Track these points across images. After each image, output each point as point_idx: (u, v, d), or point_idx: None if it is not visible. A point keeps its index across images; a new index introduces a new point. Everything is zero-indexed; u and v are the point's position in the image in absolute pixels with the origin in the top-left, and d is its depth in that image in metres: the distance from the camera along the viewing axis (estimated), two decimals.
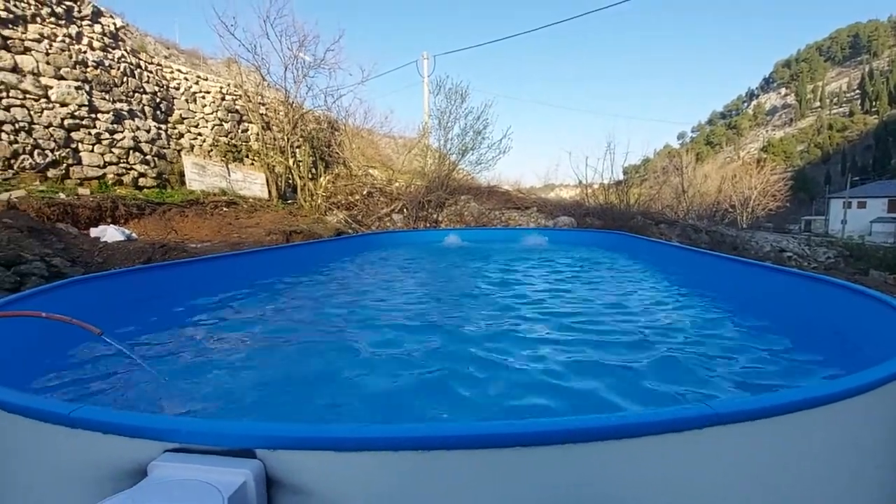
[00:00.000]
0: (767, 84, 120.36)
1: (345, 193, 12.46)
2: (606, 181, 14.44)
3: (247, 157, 12.29)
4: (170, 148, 10.39)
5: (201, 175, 10.66)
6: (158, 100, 10.34)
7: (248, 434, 0.97)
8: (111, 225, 6.82)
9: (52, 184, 7.68)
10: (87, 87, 8.53)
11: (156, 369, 2.19)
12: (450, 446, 0.92)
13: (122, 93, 9.29)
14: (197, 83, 11.35)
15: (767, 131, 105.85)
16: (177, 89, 10.92)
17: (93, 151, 8.60)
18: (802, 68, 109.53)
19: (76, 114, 8.29)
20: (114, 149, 8.96)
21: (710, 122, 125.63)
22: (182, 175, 10.43)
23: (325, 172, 12.82)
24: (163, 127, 10.35)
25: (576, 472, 0.95)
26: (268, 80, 11.81)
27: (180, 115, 10.92)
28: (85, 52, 8.60)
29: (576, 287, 4.51)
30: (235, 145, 12.06)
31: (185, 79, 11.13)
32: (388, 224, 11.56)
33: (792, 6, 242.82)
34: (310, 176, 11.97)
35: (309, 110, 12.77)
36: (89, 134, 8.52)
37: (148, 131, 9.80)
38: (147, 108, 9.98)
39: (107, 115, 8.84)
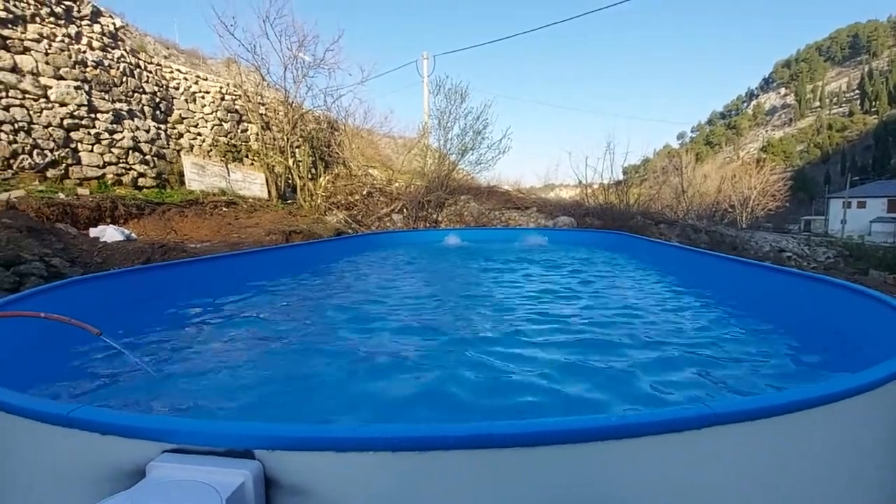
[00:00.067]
0: (767, 84, 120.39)
1: (344, 193, 12.46)
2: (606, 181, 14.46)
3: (246, 157, 12.28)
4: (169, 148, 10.39)
5: (201, 175, 10.66)
6: (158, 100, 10.34)
7: (246, 434, 0.97)
8: (110, 225, 6.82)
9: (51, 184, 7.68)
10: (87, 87, 8.53)
11: (155, 370, 2.19)
12: (448, 446, 0.92)
13: (122, 93, 9.29)
14: (196, 83, 11.34)
15: (767, 131, 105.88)
16: (176, 89, 10.91)
17: (92, 151, 8.59)
18: (802, 68, 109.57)
19: (75, 114, 8.28)
20: (113, 149, 8.96)
21: (710, 122, 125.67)
22: (181, 175, 10.42)
23: (324, 172, 12.81)
24: (162, 127, 10.34)
25: (575, 472, 0.95)
26: (267, 80, 11.82)
27: (180, 114, 10.91)
28: (84, 52, 8.60)
29: (575, 287, 4.51)
30: (235, 145, 12.05)
31: (185, 79, 11.12)
32: (388, 224, 11.56)
33: (791, 6, 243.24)
34: (309, 176, 11.96)
35: (308, 110, 12.77)
36: (89, 134, 8.52)
37: (147, 131, 9.80)
38: (146, 108, 9.97)
39: (106, 115, 8.84)
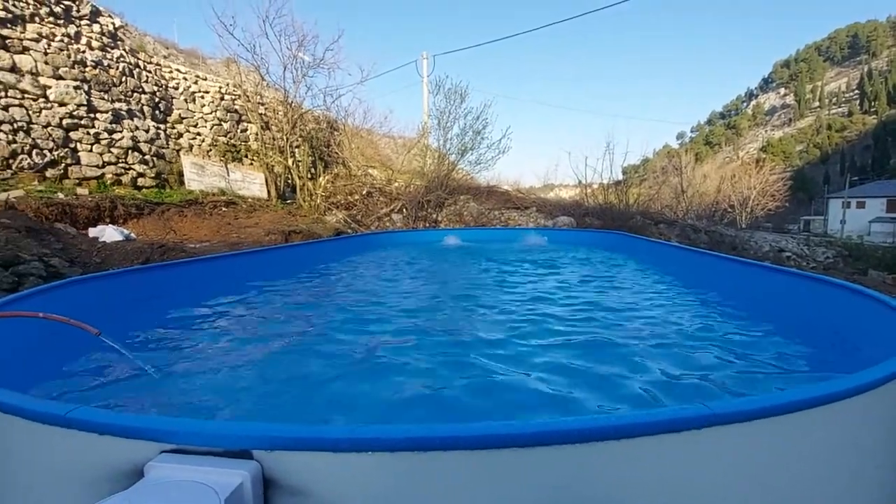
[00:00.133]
0: (766, 84, 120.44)
1: (344, 193, 12.45)
2: (606, 181, 14.46)
3: (246, 156, 12.28)
4: (169, 148, 10.38)
5: (200, 175, 10.65)
6: (157, 99, 10.33)
7: (244, 435, 0.97)
8: (110, 225, 6.81)
9: (50, 184, 7.67)
10: (86, 87, 8.52)
11: (154, 370, 2.19)
12: (447, 447, 0.92)
13: (121, 92, 9.28)
14: (196, 83, 11.33)
15: (766, 131, 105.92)
16: (176, 89, 10.90)
17: (91, 151, 8.58)
18: (801, 68, 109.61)
19: (75, 113, 8.27)
20: (112, 149, 8.95)
21: (710, 122, 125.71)
22: (181, 175, 10.41)
23: (324, 172, 12.81)
24: (162, 127, 10.33)
25: (574, 472, 0.95)
26: (267, 80, 11.81)
27: (179, 114, 10.90)
28: (83, 52, 8.59)
29: (574, 287, 4.51)
30: (234, 145, 12.04)
31: (184, 78, 11.11)
32: (388, 224, 11.56)
33: (791, 6, 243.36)
34: (309, 176, 11.96)
35: (308, 110, 12.76)
36: (88, 134, 8.51)
37: (147, 131, 9.79)
38: (146, 108, 9.96)
39: (105, 115, 8.83)
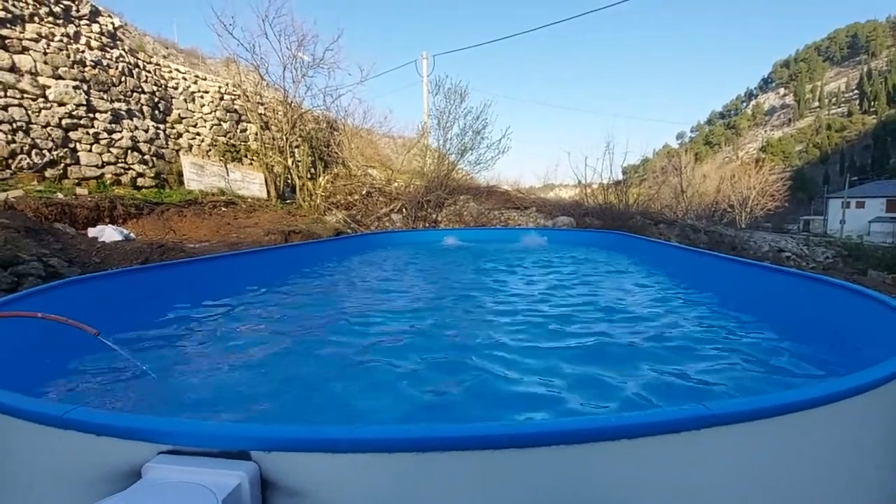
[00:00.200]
0: (766, 84, 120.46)
1: (344, 193, 12.45)
2: (605, 181, 14.47)
3: (245, 156, 12.27)
4: (168, 148, 10.37)
5: (200, 175, 10.65)
6: (157, 99, 10.32)
7: (242, 436, 0.96)
8: (109, 225, 6.80)
9: (49, 183, 7.66)
10: (85, 87, 8.51)
11: (153, 370, 2.18)
12: (445, 448, 0.91)
13: (121, 92, 9.27)
14: (195, 83, 11.32)
15: (766, 131, 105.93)
16: (175, 89, 10.89)
17: (91, 151, 8.58)
18: (801, 68, 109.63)
19: (74, 113, 8.27)
20: (112, 148, 8.94)
21: (709, 122, 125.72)
22: (180, 175, 10.41)
23: (324, 172, 12.80)
24: (161, 127, 10.33)
25: (572, 473, 0.95)
26: (266, 80, 11.81)
27: (179, 114, 10.90)
28: (83, 52, 8.58)
29: (574, 287, 4.51)
30: (234, 145, 12.04)
31: (184, 78, 11.10)
32: (388, 224, 11.55)
33: (790, 6, 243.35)
34: (309, 176, 11.95)
35: (308, 110, 12.76)
36: (87, 133, 8.50)
37: (146, 131, 9.78)
38: (145, 108, 9.96)
39: (105, 115, 8.82)
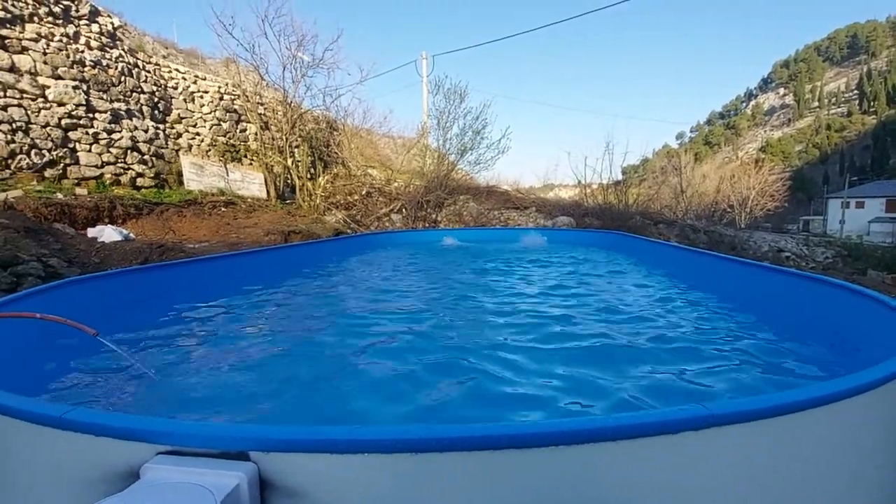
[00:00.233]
0: (766, 84, 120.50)
1: (343, 193, 12.45)
2: (605, 181, 14.45)
3: (245, 156, 12.27)
4: (168, 148, 10.37)
5: (199, 175, 10.64)
6: (156, 99, 10.32)
7: (241, 436, 0.96)
8: (109, 225, 6.80)
9: (49, 184, 7.66)
10: (85, 87, 8.50)
11: (152, 370, 2.18)
12: (443, 448, 0.91)
13: (120, 92, 9.27)
14: (195, 83, 11.32)
15: (766, 131, 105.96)
16: (175, 89, 10.89)
17: (90, 151, 8.57)
18: (801, 68, 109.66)
19: (73, 113, 8.26)
20: (111, 148, 8.94)
21: (709, 122, 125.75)
22: (180, 175, 10.40)
23: (323, 172, 12.80)
24: (161, 127, 10.32)
25: (570, 474, 0.94)
26: (266, 80, 11.80)
27: (178, 114, 10.89)
28: (82, 52, 8.58)
29: (573, 287, 4.50)
30: (234, 145, 12.03)
31: (184, 78, 11.10)
32: (387, 224, 11.55)
33: (790, 6, 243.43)
34: (308, 176, 11.95)
35: (307, 110, 12.76)
36: (87, 134, 8.50)
37: (146, 131, 9.78)
38: (145, 108, 9.95)
39: (104, 115, 8.82)
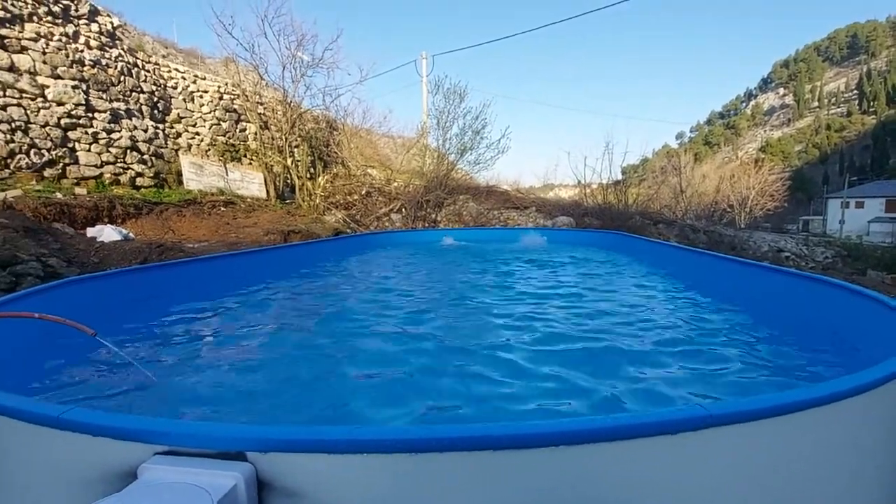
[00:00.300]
0: (766, 84, 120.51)
1: (343, 193, 12.44)
2: (605, 181, 14.42)
3: (245, 156, 12.26)
4: (167, 147, 10.36)
5: (199, 175, 10.63)
6: (156, 99, 10.31)
7: (238, 436, 0.96)
8: (108, 225, 6.79)
9: (48, 183, 7.65)
10: (84, 87, 8.50)
11: (151, 370, 2.18)
12: (443, 448, 0.91)
13: (120, 92, 9.26)
14: (195, 82, 11.31)
15: (765, 131, 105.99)
16: (174, 88, 10.88)
17: (90, 151, 8.56)
18: (801, 68, 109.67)
19: (73, 113, 8.26)
20: (111, 148, 8.93)
21: (709, 122, 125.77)
22: (180, 175, 10.40)
23: (323, 172, 12.79)
24: (160, 126, 10.31)
25: (569, 474, 0.94)
26: (266, 80, 11.80)
27: (178, 114, 10.88)
28: (82, 51, 8.57)
29: (572, 287, 4.50)
30: (233, 145, 12.02)
31: (183, 78, 11.09)
32: (387, 224, 11.55)
33: (790, 6, 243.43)
34: (308, 175, 11.95)
35: (307, 110, 12.75)
36: (86, 133, 8.49)
37: (145, 131, 9.77)
38: (144, 108, 9.94)
39: (104, 115, 8.81)
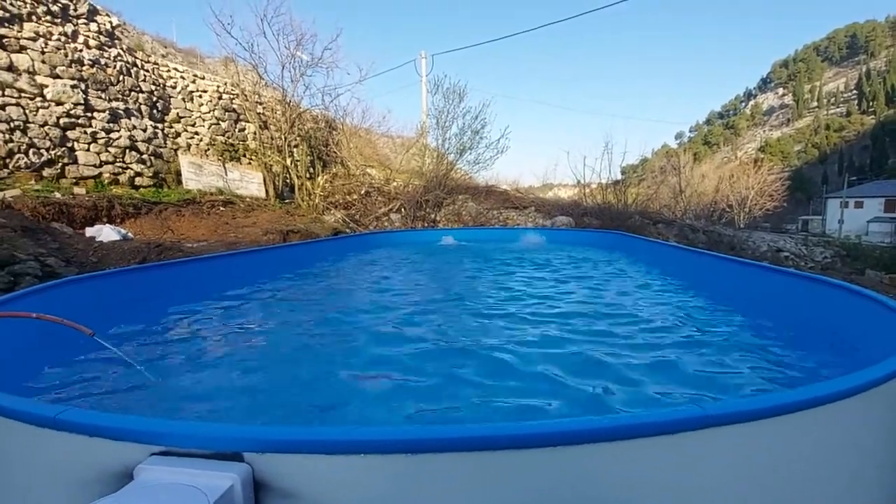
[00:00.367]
0: (765, 84, 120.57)
1: (342, 193, 12.43)
2: (604, 181, 14.42)
3: (244, 156, 12.25)
4: (166, 147, 10.35)
5: (198, 174, 10.62)
6: (155, 99, 10.30)
7: (235, 437, 0.96)
8: (107, 224, 6.78)
9: (47, 183, 7.64)
10: (83, 86, 8.49)
11: (149, 370, 2.17)
12: (440, 449, 0.91)
13: (119, 91, 9.25)
14: (194, 82, 11.30)
15: (765, 131, 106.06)
16: (174, 88, 10.87)
17: (89, 150, 8.55)
18: (800, 68, 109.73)
19: (72, 112, 8.24)
20: (110, 148, 8.92)
21: (708, 122, 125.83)
22: (179, 174, 10.39)
23: (322, 172, 12.78)
24: (159, 126, 10.30)
25: (567, 474, 0.94)
26: (265, 79, 11.79)
27: (177, 113, 10.87)
28: (81, 51, 8.56)
29: (571, 287, 4.50)
30: (232, 144, 12.01)
31: (182, 77, 11.08)
32: (386, 224, 11.54)
33: (790, 6, 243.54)
34: (307, 175, 11.94)
35: (306, 109, 12.74)
36: (85, 133, 8.48)
37: (144, 130, 9.76)
38: (143, 107, 9.93)
39: (103, 114, 8.80)
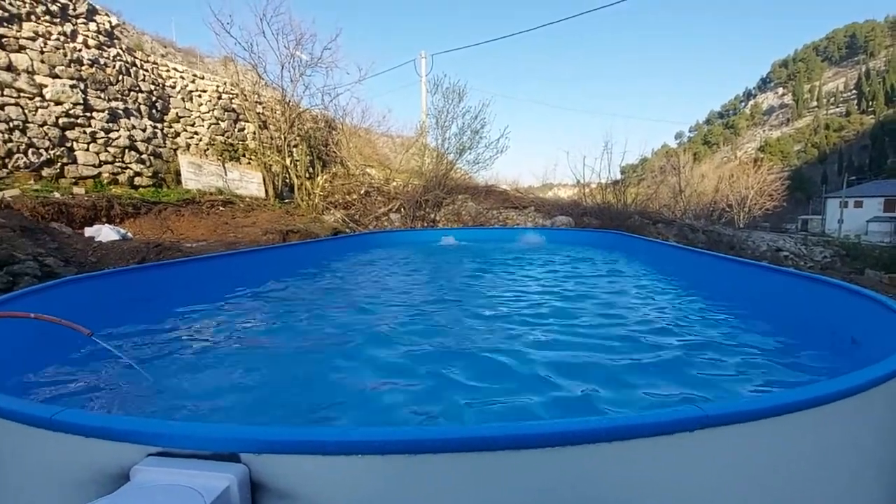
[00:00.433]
0: (765, 84, 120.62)
1: (342, 193, 12.43)
2: (604, 181, 14.42)
3: (243, 156, 12.24)
4: (166, 147, 10.34)
5: (197, 174, 10.61)
6: (154, 98, 10.29)
7: (232, 438, 0.95)
8: (106, 224, 6.77)
9: (46, 183, 7.63)
10: (82, 86, 8.48)
11: (148, 371, 2.17)
12: (437, 449, 0.90)
13: (118, 91, 9.24)
14: (193, 82, 11.29)
15: (764, 131, 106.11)
16: (173, 88, 10.86)
17: (88, 150, 8.54)
18: (799, 68, 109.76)
19: (71, 112, 8.24)
20: (109, 148, 8.91)
21: (708, 121, 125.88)
22: (178, 174, 10.38)
23: (322, 172, 12.77)
24: (159, 126, 10.29)
25: (566, 475, 0.94)
26: (265, 79, 11.78)
27: (176, 113, 10.86)
28: (80, 51, 8.55)
29: (571, 287, 4.50)
30: (232, 144, 12.00)
31: (182, 77, 11.06)
32: (386, 223, 11.54)
33: (789, 6, 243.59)
34: (307, 175, 11.93)
35: (306, 109, 12.74)
36: (84, 133, 8.47)
37: (144, 130, 9.75)
38: (143, 107, 9.92)
39: (102, 114, 8.79)
